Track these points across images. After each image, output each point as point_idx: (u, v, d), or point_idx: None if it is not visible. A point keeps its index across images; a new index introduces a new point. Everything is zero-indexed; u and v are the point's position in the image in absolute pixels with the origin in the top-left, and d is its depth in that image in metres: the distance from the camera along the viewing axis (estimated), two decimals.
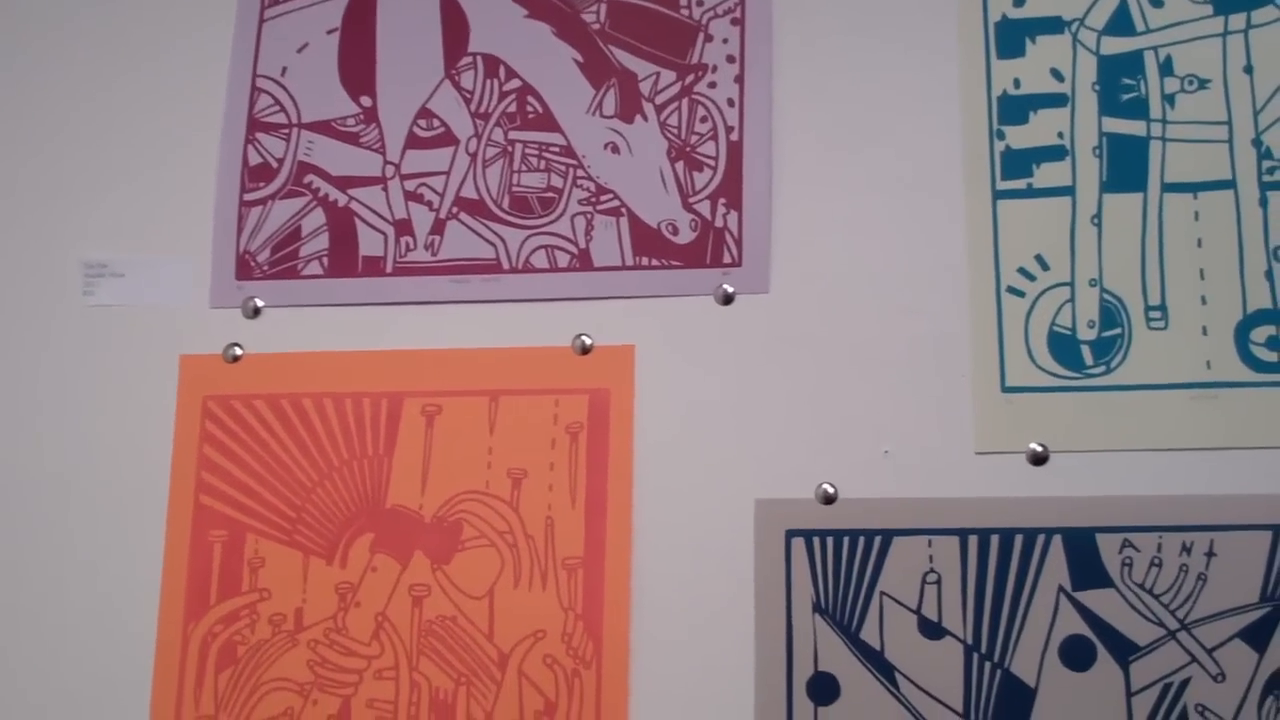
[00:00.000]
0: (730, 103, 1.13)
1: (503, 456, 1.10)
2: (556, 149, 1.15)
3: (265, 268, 1.16)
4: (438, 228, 1.15)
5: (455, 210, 1.15)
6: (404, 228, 1.15)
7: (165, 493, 1.13)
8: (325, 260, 1.16)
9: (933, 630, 1.03)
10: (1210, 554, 1.02)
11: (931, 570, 1.04)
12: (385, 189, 1.16)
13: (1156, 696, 1.00)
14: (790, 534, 1.07)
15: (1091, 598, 1.02)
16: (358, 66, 1.18)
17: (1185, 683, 1.00)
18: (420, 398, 1.12)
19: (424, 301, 1.14)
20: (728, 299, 1.11)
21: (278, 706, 1.07)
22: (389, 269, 1.15)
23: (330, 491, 1.10)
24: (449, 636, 1.07)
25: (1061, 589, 1.03)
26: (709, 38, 1.14)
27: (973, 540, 1.04)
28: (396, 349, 1.14)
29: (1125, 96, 1.10)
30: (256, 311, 1.16)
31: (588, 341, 1.12)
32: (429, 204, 1.16)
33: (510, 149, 1.16)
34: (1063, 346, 1.07)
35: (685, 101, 1.14)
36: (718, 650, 1.05)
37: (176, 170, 1.20)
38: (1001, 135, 1.11)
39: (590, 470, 1.09)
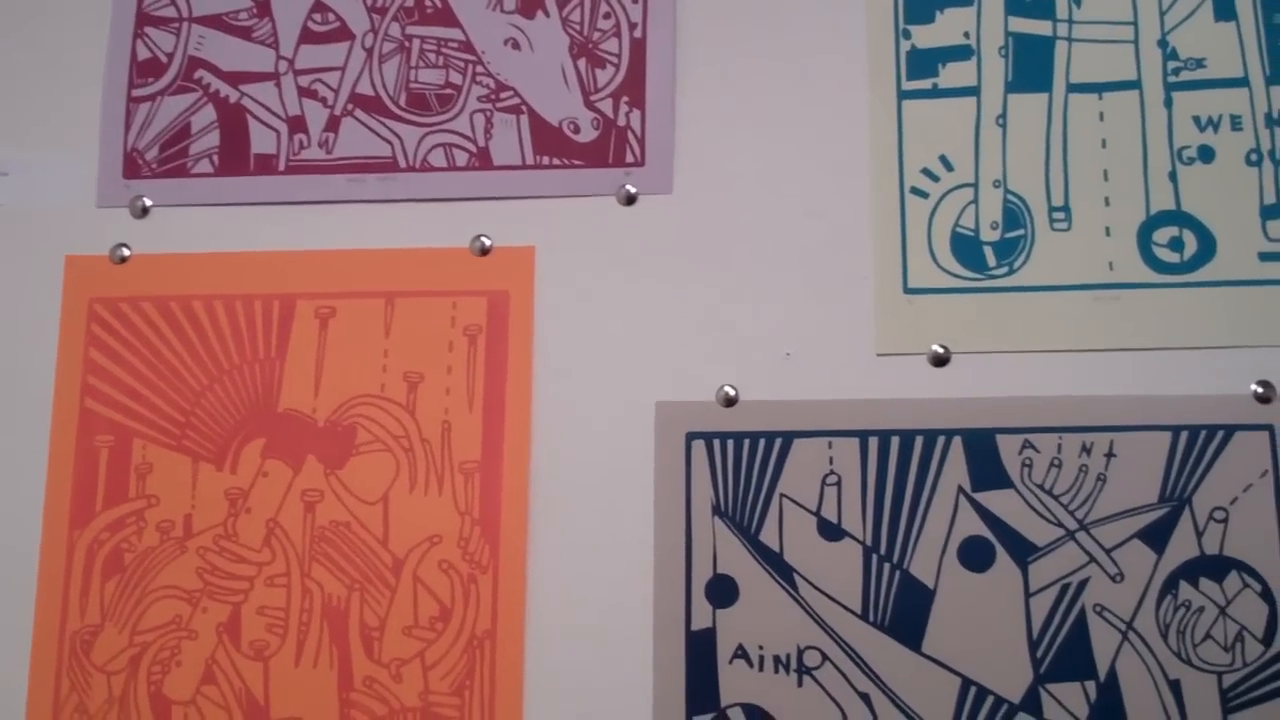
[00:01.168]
0: None
1: (398, 360, 1.04)
2: (455, 44, 1.09)
3: (154, 166, 1.09)
4: (332, 125, 1.08)
5: (350, 107, 1.09)
6: (297, 125, 1.08)
7: (50, 397, 1.07)
8: (216, 158, 1.09)
9: (832, 532, 0.99)
10: (1110, 455, 0.98)
11: (831, 472, 1.00)
12: (278, 85, 1.09)
13: (1055, 597, 0.97)
14: (690, 436, 1.02)
15: (991, 499, 0.99)
16: None
17: (1084, 583, 0.97)
18: (313, 300, 1.06)
19: (318, 201, 1.08)
20: (630, 200, 1.06)
21: (166, 615, 1.02)
22: (282, 167, 1.08)
23: (220, 396, 1.04)
24: (342, 542, 1.02)
25: (961, 490, 0.99)
26: None
27: (873, 442, 1.00)
28: (289, 250, 1.08)
29: None
30: (145, 211, 1.09)
31: (487, 243, 1.06)
32: (323, 100, 1.09)
33: (407, 44, 1.09)
34: (965, 248, 1.03)
35: None
36: (616, 553, 1.01)
37: (62, 66, 1.13)
38: (907, 35, 1.06)
39: (488, 374, 1.03)
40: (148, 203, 1.10)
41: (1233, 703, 0.95)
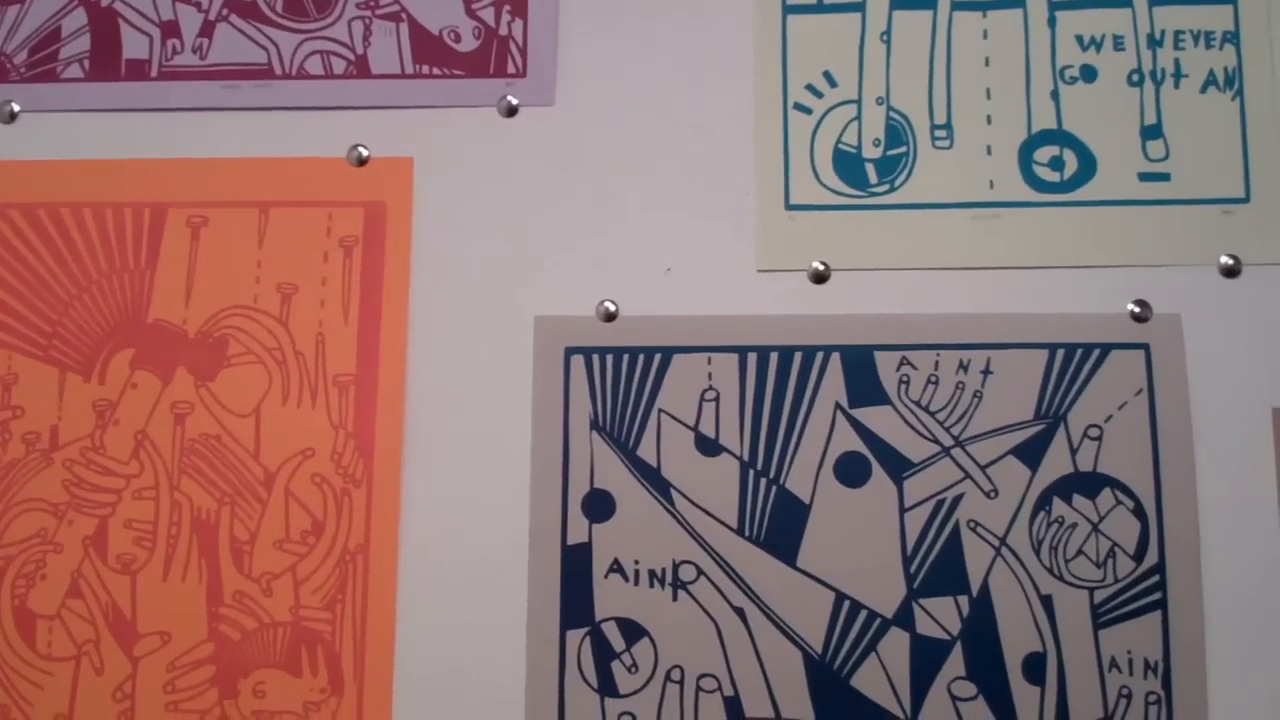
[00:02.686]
0: None
1: (272, 271, 0.98)
2: None
3: (22, 70, 1.02)
4: (206, 30, 1.01)
5: (225, 12, 1.02)
6: (170, 29, 1.01)
7: None
8: (86, 63, 1.02)
9: (710, 447, 0.95)
10: (987, 372, 0.94)
11: (710, 388, 0.95)
12: None
13: (929, 512, 0.93)
14: (569, 351, 0.97)
15: (868, 415, 0.95)
16: None
17: (958, 499, 0.93)
18: (185, 209, 0.99)
19: (191, 108, 1.01)
20: (511, 111, 1.00)
21: (30, 528, 0.95)
22: (154, 73, 1.01)
23: (88, 305, 0.98)
24: (212, 455, 0.96)
25: (839, 406, 0.95)
26: None
27: (752, 358, 0.96)
28: (161, 158, 1.01)
29: None
30: (12, 116, 1.01)
31: (364, 153, 1.00)
32: (197, 4, 1.02)
33: None
34: (847, 164, 0.98)
35: None
36: (493, 468, 0.96)
37: None
38: None
39: (364, 286, 0.97)
40: (15, 108, 1.02)
41: (1103, 618, 0.92)
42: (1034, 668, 0.92)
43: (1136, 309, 0.96)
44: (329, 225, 1.00)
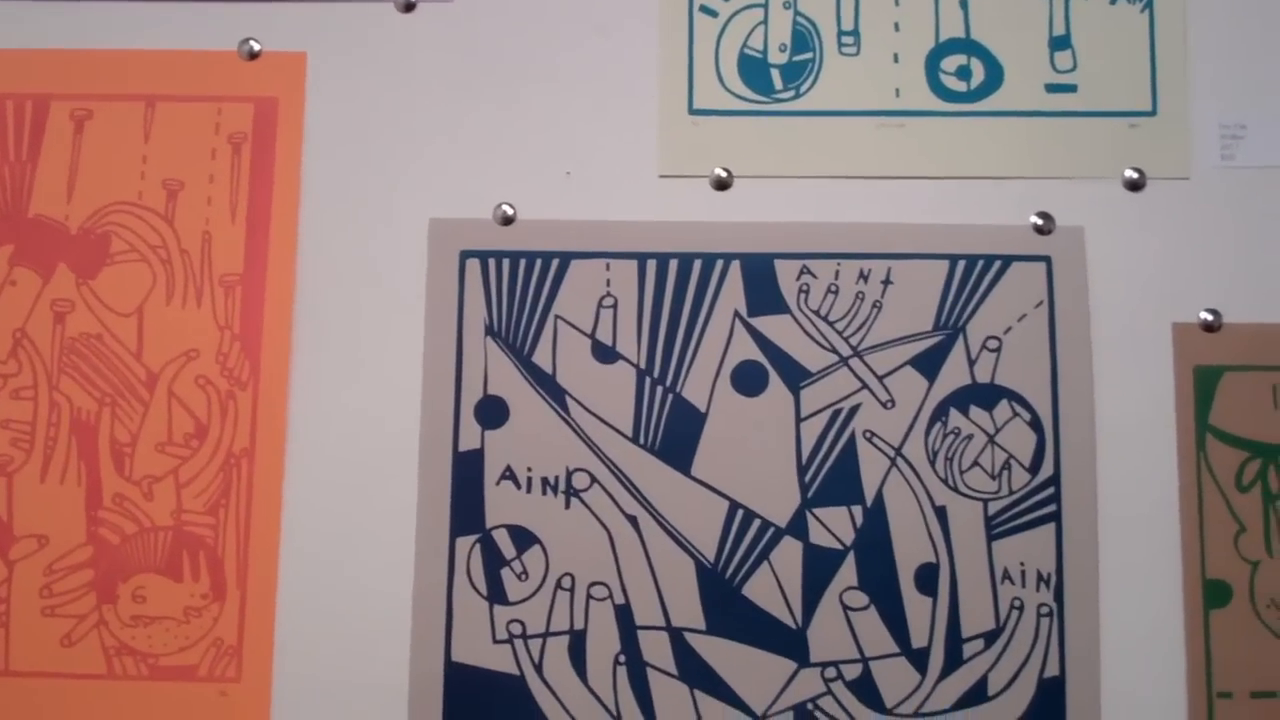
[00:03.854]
0: None
1: (158, 166, 0.93)
2: None
3: None
4: None
5: None
6: None
7: None
8: None
9: (606, 354, 0.90)
10: (887, 282, 0.90)
11: (608, 294, 0.91)
12: None
13: (825, 422, 0.89)
14: (465, 254, 0.92)
15: (766, 323, 0.91)
16: None
17: (855, 409, 0.89)
18: (69, 101, 0.93)
19: None
20: (409, 6, 0.95)
21: None
22: None
23: None
24: (93, 355, 0.90)
25: (737, 314, 0.91)
26: None
27: (651, 264, 0.91)
28: (43, 48, 0.94)
29: None
30: None
31: (255, 47, 0.94)
32: None
33: None
34: (752, 69, 0.94)
35: None
36: (384, 372, 0.91)
37: None
38: None
39: (254, 184, 0.92)
40: None
41: (997, 530, 0.89)
42: (926, 578, 0.89)
43: (1039, 221, 0.92)
44: (218, 121, 0.94)
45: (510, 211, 0.94)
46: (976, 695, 0.88)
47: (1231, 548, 0.89)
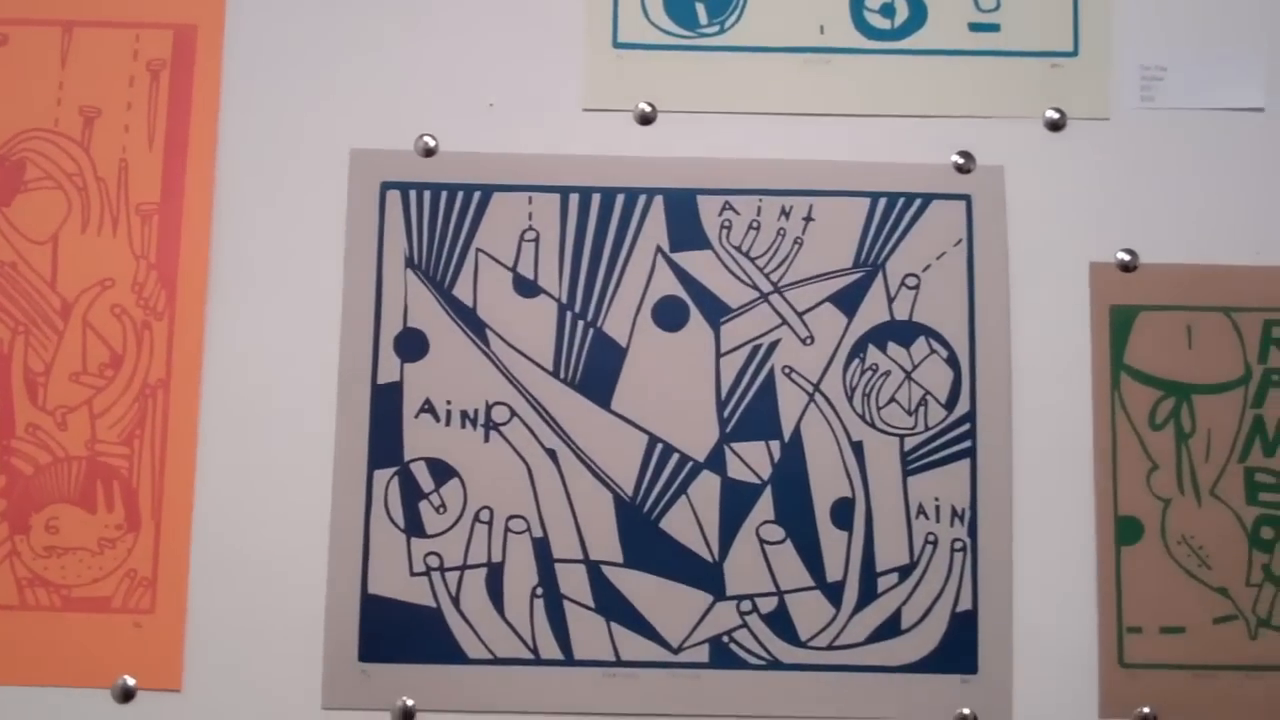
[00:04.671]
0: None
1: (74, 93, 0.90)
2: None
3: None
4: None
5: None
6: None
7: None
8: None
9: (527, 288, 0.89)
10: (808, 219, 0.89)
11: (530, 228, 0.89)
12: None
13: (745, 358, 0.88)
14: (386, 186, 0.90)
15: (688, 259, 0.89)
16: None
17: (774, 345, 0.88)
18: None
19: None
20: None
21: None
22: None
23: None
24: (6, 283, 0.88)
25: (659, 249, 0.89)
26: None
27: (574, 198, 0.89)
28: None
29: None
30: None
31: None
32: None
33: None
34: (678, 4, 0.93)
35: None
36: (302, 304, 0.89)
37: None
38: None
39: (172, 111, 0.90)
40: None
41: (912, 465, 0.88)
42: (842, 513, 0.88)
43: (960, 160, 0.91)
44: (136, 47, 0.92)
45: (432, 143, 0.92)
46: (890, 629, 0.87)
47: (1144, 485, 0.89)
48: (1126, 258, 0.90)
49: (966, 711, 0.86)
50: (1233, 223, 0.91)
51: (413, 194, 0.91)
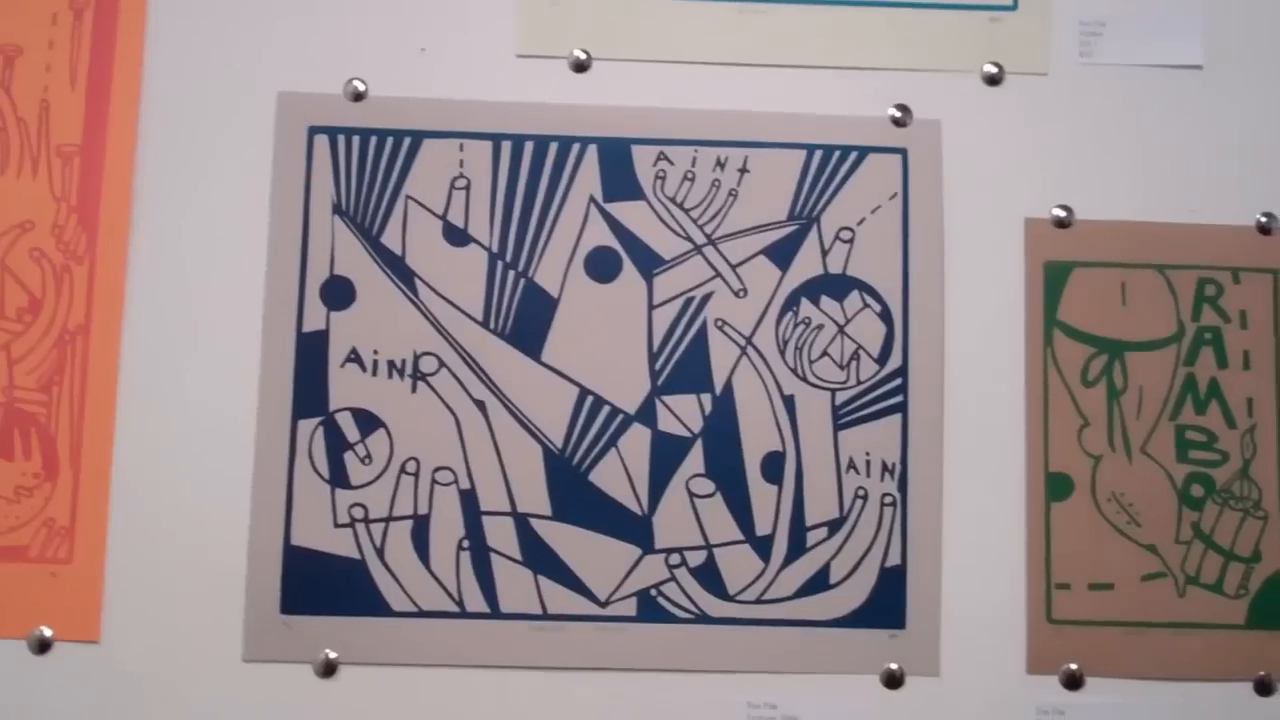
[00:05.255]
0: None
1: None
2: None
3: None
4: None
5: None
6: None
7: None
8: None
9: (457, 236, 0.86)
10: (744, 170, 0.87)
11: (461, 175, 0.87)
12: None
13: (678, 310, 0.86)
14: (313, 130, 0.87)
15: (622, 209, 0.87)
16: None
17: (707, 297, 0.87)
18: None
19: None
20: None
21: None
22: None
23: None
24: None
25: (592, 199, 0.87)
26: None
27: (506, 146, 0.87)
28: None
29: None
30: None
31: None
32: None
33: None
34: None
35: None
36: (227, 250, 0.87)
37: None
38: None
39: (95, 51, 0.87)
40: None
41: (844, 419, 0.87)
42: (772, 467, 0.86)
43: (897, 113, 0.90)
44: None
45: (362, 87, 0.89)
46: (818, 583, 0.86)
47: (1075, 442, 0.88)
48: (1062, 214, 0.89)
49: (894, 666, 0.85)
50: (1169, 180, 0.90)
51: (341, 139, 0.89)
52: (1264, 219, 0.90)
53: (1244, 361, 0.89)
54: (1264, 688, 0.87)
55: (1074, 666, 0.86)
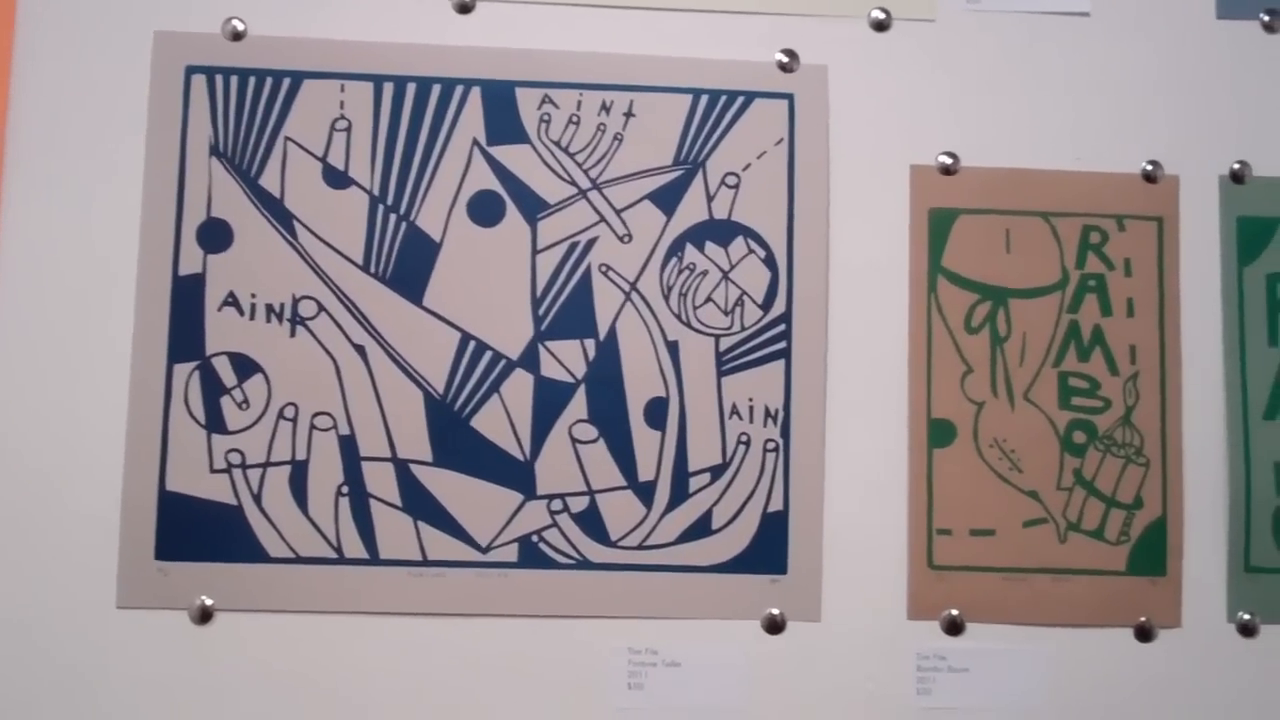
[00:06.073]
0: None
1: None
2: None
3: None
4: None
5: None
6: None
7: None
8: None
9: (338, 179, 0.84)
10: (629, 114, 0.86)
11: (342, 116, 0.85)
12: None
13: (562, 255, 0.85)
14: (191, 70, 0.85)
15: (505, 153, 0.85)
16: None
17: (592, 242, 0.85)
18: None
19: None
20: None
21: None
22: None
23: None
24: None
25: (476, 142, 0.85)
26: None
27: (388, 87, 0.85)
28: None
29: None
30: None
31: None
32: None
33: None
34: None
35: None
36: (101, 191, 0.85)
37: None
38: None
39: None
40: None
41: (727, 365, 0.85)
42: (656, 412, 0.85)
43: (784, 59, 0.88)
44: None
45: (240, 26, 0.87)
46: (700, 529, 0.85)
47: (958, 388, 0.87)
48: (948, 160, 0.88)
49: (775, 611, 0.84)
50: (1055, 128, 0.89)
51: (219, 79, 0.86)
52: (1149, 167, 0.89)
53: (1128, 309, 0.88)
54: (1144, 633, 0.86)
55: (955, 612, 0.85)
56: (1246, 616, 0.86)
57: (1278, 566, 0.87)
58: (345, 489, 0.84)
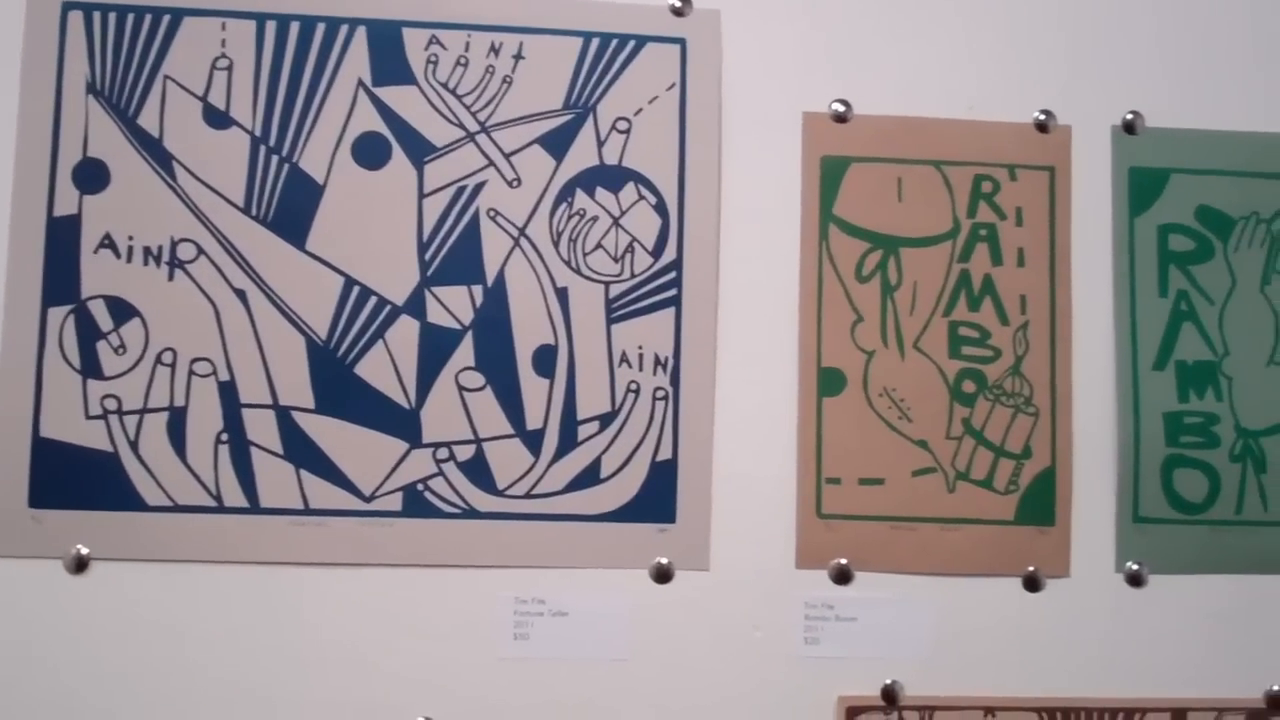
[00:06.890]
0: None
1: None
2: None
3: None
4: None
5: None
6: None
7: None
8: None
9: (218, 119, 0.81)
10: (519, 57, 0.83)
11: (223, 55, 0.82)
12: None
13: (449, 199, 0.83)
14: (67, 6, 0.82)
15: (391, 94, 0.83)
16: None
17: (480, 186, 0.83)
18: None
19: None
20: None
21: None
22: None
23: None
24: None
25: (361, 83, 0.83)
26: None
27: (270, 25, 0.82)
28: None
29: None
30: None
31: None
32: None
33: None
34: None
35: None
36: None
37: None
38: None
39: None
40: None
41: (617, 313, 0.84)
42: (544, 360, 0.83)
43: (677, 2, 0.87)
44: None
45: None
46: (589, 478, 0.83)
47: (848, 337, 0.86)
48: (840, 108, 0.87)
49: (663, 560, 0.83)
50: (948, 77, 0.88)
51: (96, 15, 0.83)
52: (1042, 116, 0.88)
53: (1018, 259, 0.87)
54: (1032, 583, 0.86)
55: (843, 561, 0.84)
56: (1135, 567, 0.86)
57: (1166, 517, 0.86)
58: (225, 436, 0.81)
